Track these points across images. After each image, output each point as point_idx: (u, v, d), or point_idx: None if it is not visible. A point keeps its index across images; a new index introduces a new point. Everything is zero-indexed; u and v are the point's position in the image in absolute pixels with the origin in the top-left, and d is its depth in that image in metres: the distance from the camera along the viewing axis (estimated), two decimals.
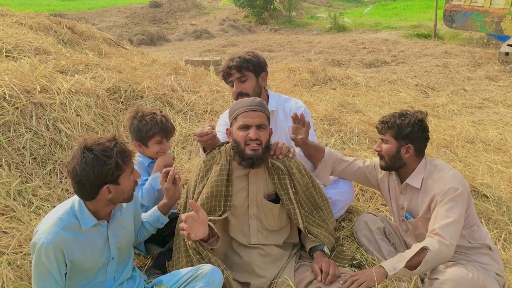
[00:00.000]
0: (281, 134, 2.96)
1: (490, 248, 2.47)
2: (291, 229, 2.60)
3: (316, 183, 2.59)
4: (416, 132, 2.48)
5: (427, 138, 2.55)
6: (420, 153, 2.54)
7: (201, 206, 2.29)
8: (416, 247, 2.32)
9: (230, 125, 2.42)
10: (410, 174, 2.54)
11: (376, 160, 2.75)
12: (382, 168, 2.62)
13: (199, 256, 2.26)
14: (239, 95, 2.79)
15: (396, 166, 2.55)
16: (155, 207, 2.41)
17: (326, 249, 2.49)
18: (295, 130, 2.68)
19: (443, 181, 2.41)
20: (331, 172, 2.87)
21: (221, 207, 2.38)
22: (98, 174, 1.85)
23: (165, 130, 2.71)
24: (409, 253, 2.33)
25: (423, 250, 2.28)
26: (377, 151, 2.60)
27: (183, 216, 2.11)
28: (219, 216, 2.36)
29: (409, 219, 2.59)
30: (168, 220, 2.44)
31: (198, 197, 2.38)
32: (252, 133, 2.29)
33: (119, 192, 1.96)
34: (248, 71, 2.82)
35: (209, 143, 2.47)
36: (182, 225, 2.10)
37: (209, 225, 2.21)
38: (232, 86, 2.86)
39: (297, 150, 2.80)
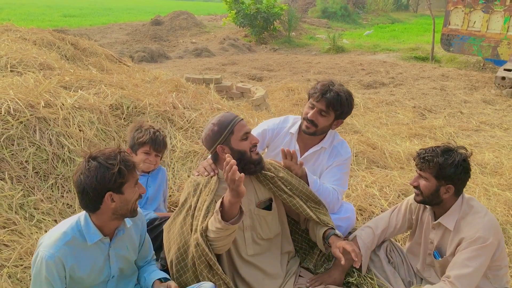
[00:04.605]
0: (317, 169, 2.88)
1: None
2: (284, 235, 2.63)
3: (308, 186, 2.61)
4: (459, 174, 2.30)
5: (468, 178, 2.39)
6: (459, 193, 2.39)
7: (205, 213, 2.30)
8: None
9: (223, 142, 2.35)
10: (445, 212, 2.41)
11: (408, 200, 2.67)
12: (418, 202, 2.49)
13: (210, 275, 2.23)
14: (308, 121, 2.73)
15: (433, 203, 2.42)
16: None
17: (339, 233, 2.46)
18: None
19: (475, 228, 2.27)
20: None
21: None
22: (101, 180, 1.86)
23: (155, 141, 2.86)
24: None
25: None
26: (413, 186, 2.45)
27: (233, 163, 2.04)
28: None
29: (438, 258, 2.48)
30: None
31: (195, 207, 2.35)
32: (255, 138, 2.39)
33: (123, 202, 1.95)
34: (334, 111, 2.72)
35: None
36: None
37: None
38: (311, 107, 2.74)
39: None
